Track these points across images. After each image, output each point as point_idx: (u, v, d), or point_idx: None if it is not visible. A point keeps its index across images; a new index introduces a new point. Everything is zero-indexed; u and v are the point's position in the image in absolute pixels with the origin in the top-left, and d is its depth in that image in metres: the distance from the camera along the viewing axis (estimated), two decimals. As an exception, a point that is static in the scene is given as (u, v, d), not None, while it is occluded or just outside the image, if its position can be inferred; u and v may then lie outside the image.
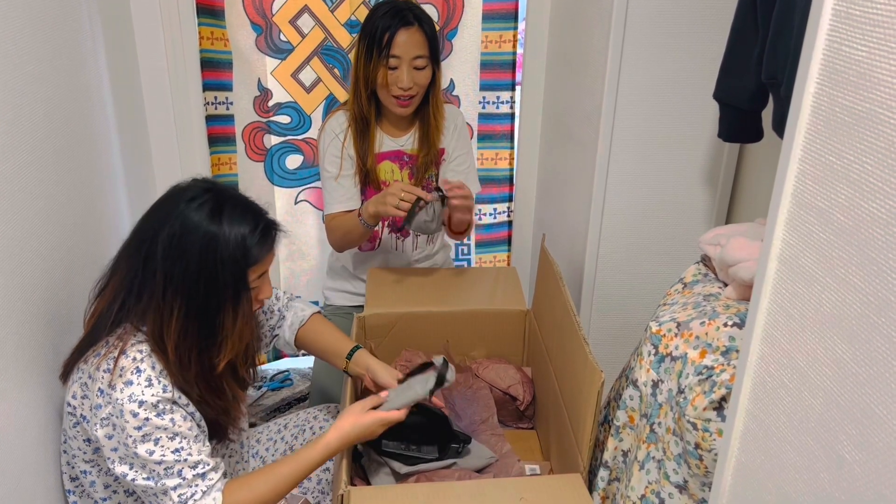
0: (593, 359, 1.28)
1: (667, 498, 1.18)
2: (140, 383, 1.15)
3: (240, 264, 1.20)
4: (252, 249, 1.21)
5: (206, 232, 1.18)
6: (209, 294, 1.19)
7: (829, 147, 0.68)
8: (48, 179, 1.32)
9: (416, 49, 1.70)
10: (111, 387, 1.15)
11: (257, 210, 1.27)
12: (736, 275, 1.19)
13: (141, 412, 1.14)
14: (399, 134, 1.87)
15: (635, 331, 1.55)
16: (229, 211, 1.21)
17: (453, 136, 1.89)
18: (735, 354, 1.09)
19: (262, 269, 1.27)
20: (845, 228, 0.66)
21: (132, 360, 1.17)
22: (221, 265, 1.18)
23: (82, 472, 1.28)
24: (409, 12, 1.71)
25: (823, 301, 0.70)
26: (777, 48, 1.12)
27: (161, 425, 1.15)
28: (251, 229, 1.21)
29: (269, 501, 1.24)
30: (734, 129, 1.41)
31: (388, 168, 1.87)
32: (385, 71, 1.71)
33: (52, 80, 1.37)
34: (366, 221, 1.74)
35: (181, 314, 1.18)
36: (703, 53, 1.63)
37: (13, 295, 1.15)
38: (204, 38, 2.06)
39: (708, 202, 1.81)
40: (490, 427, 1.62)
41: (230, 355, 1.24)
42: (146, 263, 1.19)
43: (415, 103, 1.78)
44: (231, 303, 1.21)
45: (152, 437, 1.15)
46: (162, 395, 1.16)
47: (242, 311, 1.23)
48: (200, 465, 1.19)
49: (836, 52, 0.66)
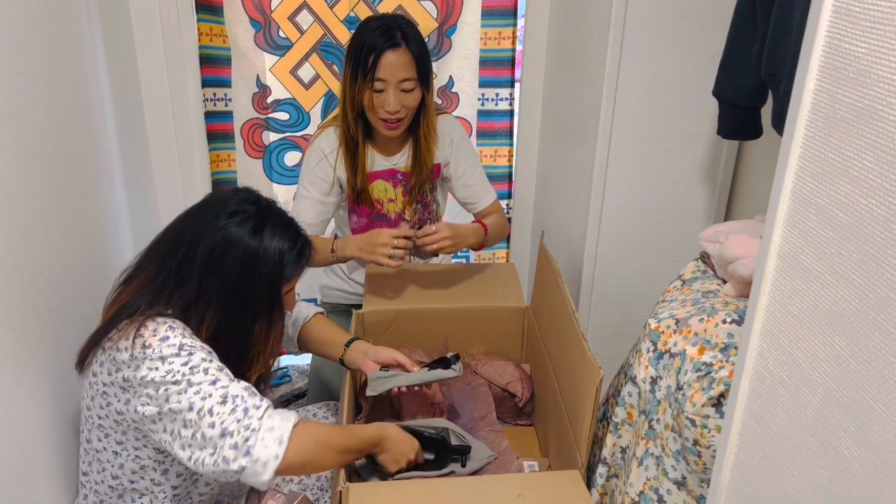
0: (592, 356, 1.28)
1: (665, 494, 1.18)
2: (176, 336, 1.13)
3: (276, 282, 1.22)
4: (288, 268, 1.23)
5: (247, 247, 1.19)
6: (245, 308, 1.20)
7: (828, 144, 0.68)
8: (46, 176, 1.32)
9: (403, 71, 1.63)
10: (145, 347, 1.11)
11: (297, 229, 1.28)
12: (735, 271, 1.19)
13: (184, 351, 1.12)
14: (391, 152, 1.82)
15: (634, 328, 1.55)
16: (271, 228, 1.22)
17: (450, 149, 1.84)
18: (734, 351, 1.09)
19: (293, 286, 1.30)
20: (845, 225, 0.66)
21: (162, 322, 1.14)
22: (258, 281, 1.20)
23: (113, 454, 1.23)
24: (397, 31, 1.63)
25: (823, 298, 0.70)
26: (777, 45, 1.12)
27: (206, 357, 1.13)
28: (290, 248, 1.23)
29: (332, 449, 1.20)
30: (733, 126, 1.41)
31: (382, 187, 1.84)
32: (371, 94, 1.64)
33: (51, 77, 1.37)
34: (338, 257, 1.70)
35: (212, 323, 1.19)
36: (703, 50, 1.63)
37: (12, 290, 1.15)
38: (203, 34, 2.06)
39: (707, 199, 1.81)
40: (489, 424, 1.62)
41: (262, 369, 1.26)
42: (180, 268, 1.19)
43: (404, 125, 1.72)
44: (265, 318, 1.23)
45: (199, 367, 1.12)
46: (200, 344, 1.15)
47: (275, 327, 1.25)
48: (255, 395, 1.15)
49: (836, 48, 0.66)
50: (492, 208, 1.91)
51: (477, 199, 1.89)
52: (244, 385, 1.15)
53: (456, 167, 1.85)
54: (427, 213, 1.92)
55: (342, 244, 1.69)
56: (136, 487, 1.29)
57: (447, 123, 1.85)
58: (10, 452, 1.13)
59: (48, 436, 1.27)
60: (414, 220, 1.91)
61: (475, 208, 1.91)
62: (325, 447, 1.19)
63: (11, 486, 1.12)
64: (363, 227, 1.89)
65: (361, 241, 1.66)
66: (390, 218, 1.88)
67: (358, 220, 1.88)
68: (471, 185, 1.86)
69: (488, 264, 2.37)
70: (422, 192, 1.86)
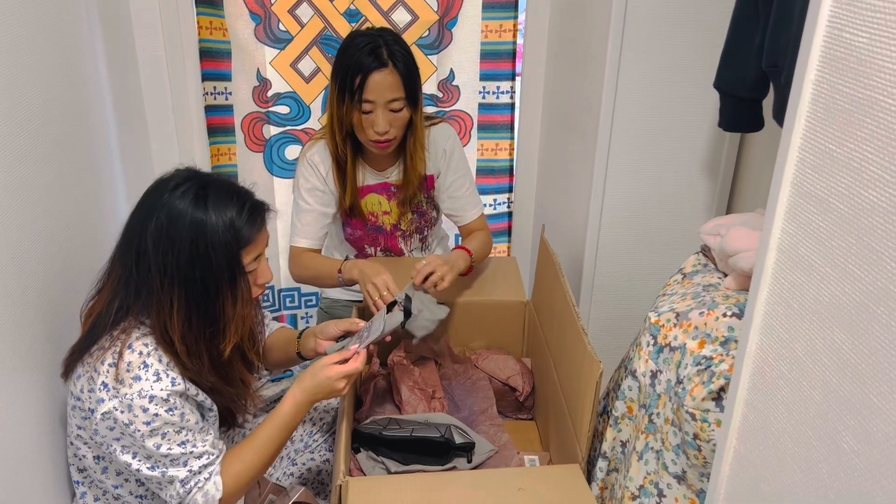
0: (592, 350, 1.27)
1: (665, 488, 1.18)
2: (149, 378, 1.15)
3: (232, 247, 1.20)
4: (242, 231, 1.21)
5: (193, 218, 1.17)
6: (206, 280, 1.18)
7: (829, 135, 0.67)
8: (45, 171, 1.31)
9: (391, 92, 1.58)
10: (119, 381, 1.14)
11: (242, 191, 1.26)
12: (735, 265, 1.18)
13: (151, 407, 1.14)
14: (383, 167, 1.78)
15: (634, 321, 1.55)
16: (214, 195, 1.20)
17: (442, 159, 1.79)
18: (734, 345, 1.09)
19: (257, 251, 1.25)
20: (845, 217, 0.65)
21: (139, 354, 1.16)
22: (213, 250, 1.18)
23: (93, 460, 1.27)
24: (384, 49, 1.57)
25: (823, 291, 0.69)
26: (778, 35, 1.11)
27: (170, 420, 1.16)
28: (238, 210, 1.21)
29: (261, 465, 1.28)
30: (735, 118, 1.40)
31: (375, 200, 1.81)
32: (359, 115, 1.60)
33: (49, 71, 1.37)
34: (343, 280, 1.68)
35: (181, 304, 1.18)
36: (704, 42, 1.62)
37: (10, 286, 1.15)
38: (203, 27, 2.05)
39: (708, 192, 1.80)
40: (489, 418, 1.62)
41: (235, 338, 1.24)
42: (139, 260, 1.18)
43: (394, 143, 1.67)
44: (229, 287, 1.21)
45: (160, 431, 1.15)
46: (171, 388, 1.16)
47: (241, 295, 1.23)
48: (205, 455, 1.21)
49: (837, 38, 0.66)
50: (475, 224, 1.86)
51: (461, 213, 1.84)
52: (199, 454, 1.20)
53: (444, 178, 1.81)
54: (424, 221, 1.89)
55: (350, 266, 1.66)
56: (119, 493, 1.30)
57: (442, 133, 1.79)
58: (6, 450, 1.12)
59: (46, 432, 1.27)
60: (410, 229, 1.89)
61: (459, 221, 1.86)
62: (253, 476, 1.27)
63: (6, 483, 1.12)
64: (358, 238, 1.87)
65: (365, 267, 1.61)
66: (386, 230, 1.86)
67: (353, 232, 1.86)
68: (457, 198, 1.82)
69: (489, 258, 2.37)
70: (416, 204, 1.83)
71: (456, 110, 2.32)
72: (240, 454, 1.26)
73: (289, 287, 2.45)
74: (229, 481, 1.22)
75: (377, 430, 1.43)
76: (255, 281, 1.27)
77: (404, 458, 1.40)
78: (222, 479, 1.22)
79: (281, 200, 2.33)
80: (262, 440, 1.27)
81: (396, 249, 1.90)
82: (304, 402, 1.29)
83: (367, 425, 1.47)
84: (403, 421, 1.48)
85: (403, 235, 1.88)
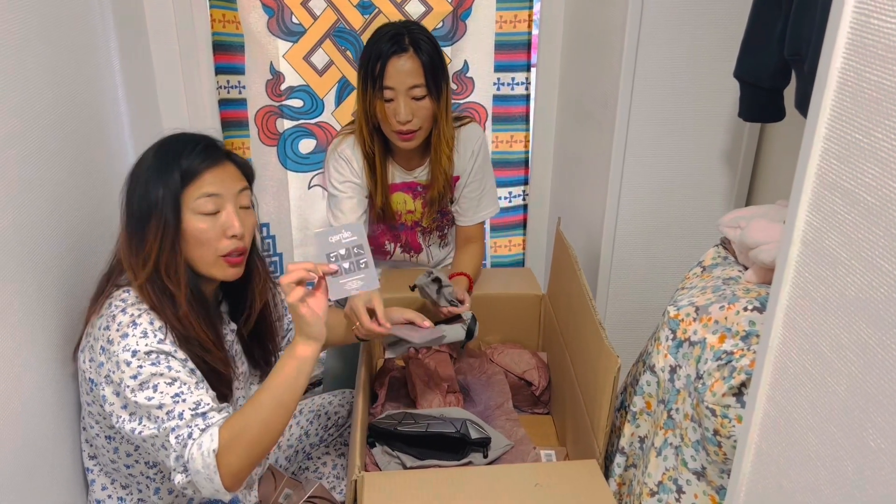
0: (609, 344, 1.26)
1: (684, 484, 1.16)
2: (135, 335, 1.15)
3: (174, 180, 1.20)
4: (186, 164, 1.21)
5: (152, 157, 1.22)
6: (143, 210, 1.20)
7: (855, 124, 0.65)
8: (58, 166, 1.31)
9: (411, 78, 1.55)
10: (109, 342, 1.15)
11: (206, 137, 1.28)
12: (756, 258, 1.16)
13: (134, 361, 1.13)
14: (412, 167, 1.76)
15: (652, 315, 1.53)
16: (175, 138, 1.25)
17: (470, 161, 1.75)
18: (755, 339, 1.07)
19: (207, 189, 1.22)
20: (872, 209, 0.63)
21: (130, 315, 1.17)
22: (154, 183, 1.20)
23: (106, 439, 1.27)
24: (405, 35, 1.55)
25: (849, 284, 0.67)
26: (801, 23, 1.08)
27: (156, 371, 1.14)
28: (190, 148, 1.23)
29: (264, 425, 1.15)
30: (755, 108, 1.37)
31: (401, 199, 1.79)
32: (381, 104, 1.57)
33: (63, 65, 1.36)
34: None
35: (126, 236, 1.22)
36: (723, 31, 1.60)
37: (26, 281, 1.15)
38: (216, 20, 2.05)
39: (727, 184, 1.78)
40: (505, 412, 1.61)
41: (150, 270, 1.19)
42: (126, 208, 1.23)
43: (420, 136, 1.63)
44: (156, 219, 1.19)
45: (150, 383, 1.13)
46: (156, 345, 1.15)
47: (167, 229, 1.19)
48: (201, 405, 1.14)
49: (864, 24, 0.63)
50: (472, 231, 1.83)
51: (463, 215, 1.82)
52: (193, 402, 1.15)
53: (465, 178, 1.78)
54: (446, 221, 1.88)
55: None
56: (131, 473, 1.30)
57: (472, 133, 1.75)
58: (27, 439, 1.13)
59: (64, 422, 1.27)
60: (432, 227, 1.87)
61: (458, 221, 1.84)
62: (252, 437, 1.14)
63: (30, 472, 1.13)
64: (378, 234, 1.87)
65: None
66: (407, 226, 1.85)
67: (374, 228, 1.86)
68: (468, 199, 1.79)
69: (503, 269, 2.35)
70: (442, 204, 1.81)
71: (470, 102, 2.30)
72: (239, 411, 1.17)
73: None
74: (226, 434, 1.11)
75: (392, 424, 1.43)
76: (223, 232, 1.23)
77: (420, 453, 1.40)
78: (219, 432, 1.12)
79: (294, 195, 2.33)
80: (262, 395, 1.17)
81: (416, 245, 1.89)
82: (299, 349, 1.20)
83: (382, 420, 1.46)
84: (419, 416, 1.47)
85: (423, 231, 1.87)
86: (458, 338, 1.49)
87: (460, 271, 1.73)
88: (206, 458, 1.09)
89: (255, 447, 1.14)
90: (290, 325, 1.54)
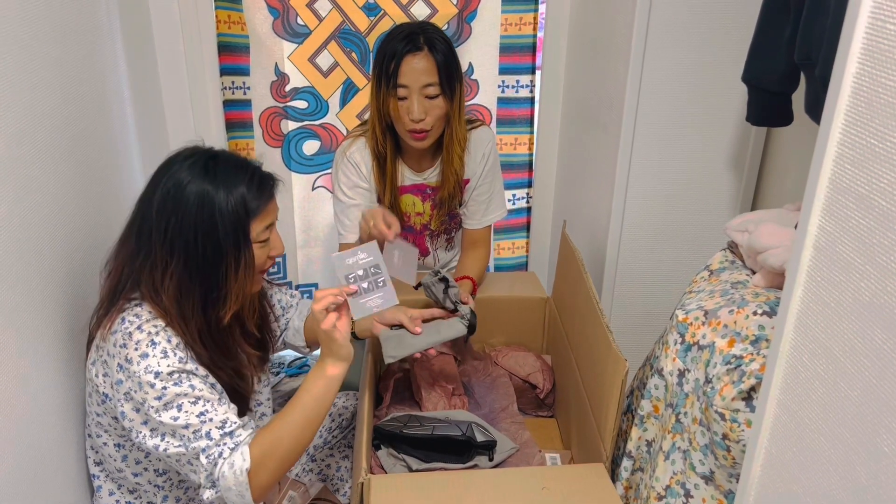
0: (617, 348, 1.26)
1: (692, 489, 1.16)
2: (156, 355, 1.15)
3: (241, 217, 1.20)
4: (250, 201, 1.22)
5: (201, 187, 1.18)
6: (208, 247, 1.19)
7: (870, 129, 0.65)
8: (65, 166, 1.31)
9: (425, 76, 1.56)
10: (128, 360, 1.15)
11: (250, 163, 1.27)
12: (765, 262, 1.16)
13: (157, 382, 1.14)
14: (422, 168, 1.75)
15: (657, 319, 1.53)
16: (223, 165, 1.22)
17: (481, 164, 1.75)
18: (765, 343, 1.06)
19: (266, 221, 1.26)
20: (887, 214, 0.63)
21: (147, 333, 1.17)
22: (221, 218, 1.19)
23: (114, 448, 1.27)
24: (420, 35, 1.56)
25: (862, 289, 0.67)
26: (812, 27, 1.08)
27: (180, 392, 1.15)
28: (247, 181, 1.22)
29: (294, 441, 1.19)
30: (763, 112, 1.37)
31: (410, 201, 1.79)
32: (395, 102, 1.58)
33: (69, 66, 1.36)
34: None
35: (179, 267, 1.18)
36: (731, 34, 1.59)
37: (32, 282, 1.15)
38: (221, 21, 2.05)
39: (734, 188, 1.78)
40: (510, 415, 1.61)
41: (235, 307, 1.24)
42: (142, 225, 1.20)
43: (432, 136, 1.63)
44: (233, 255, 1.21)
45: (174, 403, 1.15)
46: (178, 365, 1.16)
47: (245, 263, 1.23)
48: (227, 423, 1.17)
49: (880, 29, 0.63)
50: (479, 234, 1.83)
51: (471, 218, 1.82)
52: (219, 422, 1.16)
53: (474, 181, 1.78)
54: (454, 223, 1.87)
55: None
56: (139, 481, 1.30)
57: (483, 136, 1.75)
58: (32, 441, 1.13)
59: (68, 424, 1.27)
60: (440, 230, 1.87)
61: (465, 224, 1.84)
62: (282, 454, 1.18)
63: (33, 475, 1.12)
64: None
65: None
66: (415, 229, 1.84)
67: None
68: (477, 202, 1.79)
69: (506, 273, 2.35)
70: (451, 207, 1.80)
71: (475, 104, 2.30)
72: (269, 427, 1.20)
73: (306, 283, 2.45)
74: (257, 452, 1.15)
75: (397, 427, 1.42)
76: (268, 253, 1.29)
77: (425, 455, 1.39)
78: (250, 450, 1.15)
79: (299, 196, 2.32)
80: (295, 412, 1.21)
81: (423, 248, 1.88)
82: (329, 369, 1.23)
83: (387, 422, 1.46)
84: (424, 418, 1.47)
85: (431, 235, 1.87)
86: (460, 333, 1.48)
87: (465, 275, 1.73)
88: (238, 476, 1.14)
89: (284, 462, 1.19)
90: (286, 325, 1.55)
